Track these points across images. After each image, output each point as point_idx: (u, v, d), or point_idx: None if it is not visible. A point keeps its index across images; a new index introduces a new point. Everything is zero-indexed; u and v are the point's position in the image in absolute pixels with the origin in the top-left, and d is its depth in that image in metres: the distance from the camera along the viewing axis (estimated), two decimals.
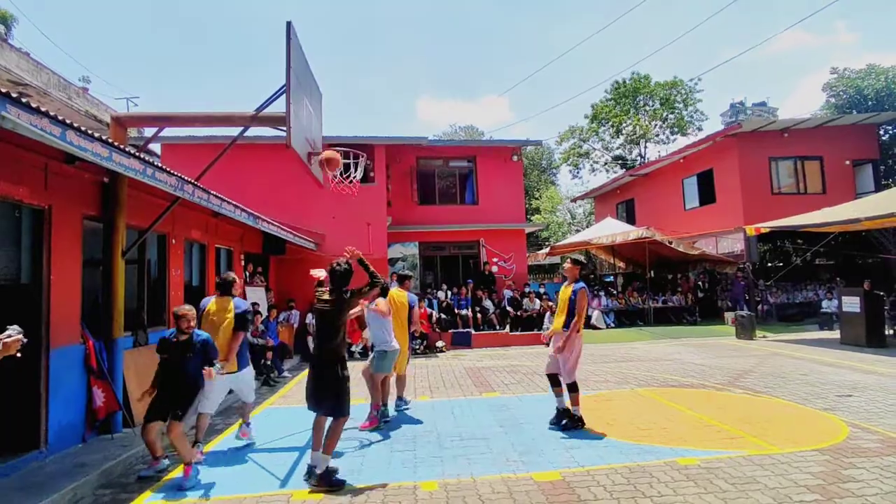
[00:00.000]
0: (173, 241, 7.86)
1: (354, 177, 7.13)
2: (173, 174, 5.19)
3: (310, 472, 4.32)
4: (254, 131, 8.40)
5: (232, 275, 5.55)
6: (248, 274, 11.47)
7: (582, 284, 5.72)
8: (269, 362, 9.43)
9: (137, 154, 4.57)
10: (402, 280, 6.89)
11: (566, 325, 5.71)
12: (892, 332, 12.14)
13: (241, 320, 5.27)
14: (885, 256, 15.00)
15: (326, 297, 4.62)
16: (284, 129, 5.78)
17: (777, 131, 17.24)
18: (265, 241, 12.04)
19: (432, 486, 4.25)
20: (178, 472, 4.81)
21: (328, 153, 6.70)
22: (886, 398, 6.73)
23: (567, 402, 5.83)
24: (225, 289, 5.43)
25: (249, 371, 5.57)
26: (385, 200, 14.95)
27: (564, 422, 5.72)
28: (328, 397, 4.44)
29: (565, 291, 5.81)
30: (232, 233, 10.33)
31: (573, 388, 5.73)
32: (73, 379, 5.39)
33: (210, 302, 5.44)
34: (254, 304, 10.10)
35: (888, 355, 9.95)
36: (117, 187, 6.01)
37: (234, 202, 7.16)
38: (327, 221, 13.99)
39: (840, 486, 4.00)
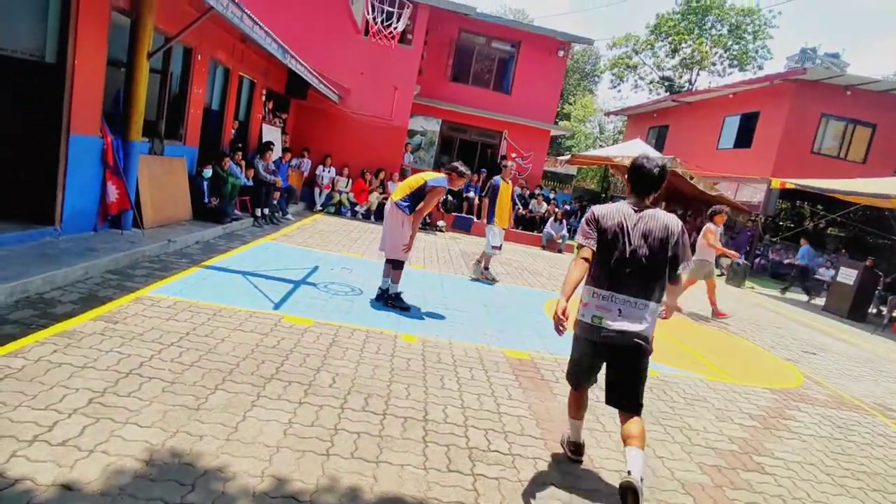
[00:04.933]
0: (199, 56, 7.62)
1: (395, 28, 6.74)
2: None
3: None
4: None
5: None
6: (267, 111, 11.29)
7: (439, 182, 5.31)
8: (275, 202, 9.62)
9: None
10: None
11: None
12: (874, 311, 12.40)
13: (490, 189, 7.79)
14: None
15: None
16: None
17: (840, 87, 16.16)
18: (289, 81, 11.66)
19: (412, 339, 4.57)
20: (181, 275, 5.13)
21: None
22: (848, 364, 7.07)
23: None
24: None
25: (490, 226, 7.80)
26: (417, 67, 14.28)
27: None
28: None
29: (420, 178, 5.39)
30: (257, 64, 9.98)
31: (395, 265, 5.45)
32: (90, 169, 5.52)
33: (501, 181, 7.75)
34: (268, 142, 10.07)
35: (864, 329, 10.26)
36: None
37: (266, 28, 6.84)
38: (354, 77, 13.42)
39: (781, 420, 4.34)
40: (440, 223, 13.39)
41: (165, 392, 2.90)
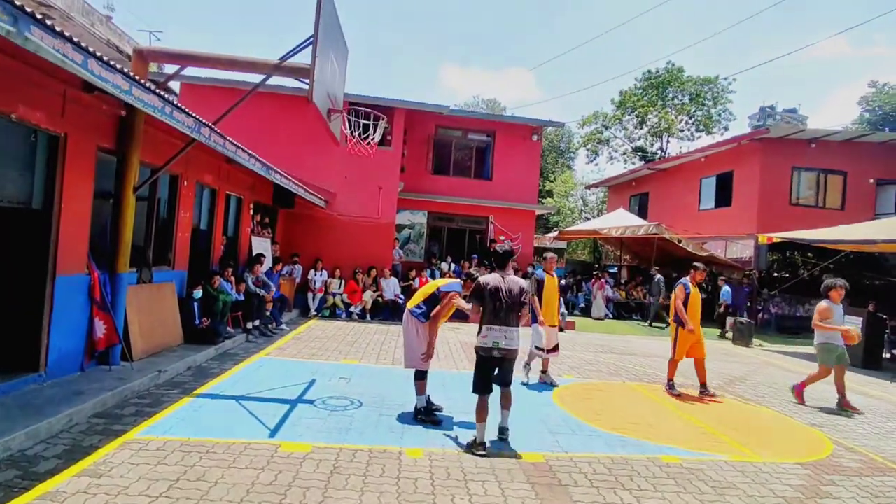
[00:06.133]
0: (185, 182, 7.84)
1: (372, 138, 7.04)
2: (191, 115, 5.14)
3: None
4: (274, 80, 8.29)
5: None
6: (255, 224, 11.49)
7: (452, 287, 5.30)
8: (268, 313, 9.52)
9: (157, 91, 4.51)
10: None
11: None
12: (889, 355, 12.12)
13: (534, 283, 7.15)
14: (894, 280, 14.86)
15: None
16: (307, 81, 5.69)
17: (804, 140, 16.91)
18: (275, 192, 12.00)
19: (417, 454, 4.32)
20: (172, 409, 4.91)
21: None
22: (874, 421, 6.76)
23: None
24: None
25: (535, 326, 7.15)
26: (399, 165, 14.80)
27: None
28: None
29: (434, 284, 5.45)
30: (243, 181, 10.29)
31: (417, 375, 5.33)
32: (77, 308, 5.45)
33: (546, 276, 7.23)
34: (259, 254, 10.15)
35: (881, 378, 9.94)
36: (134, 122, 5.97)
37: (249, 150, 7.11)
38: (339, 181, 13.87)
39: (818, 500, 4.04)
40: None
41: None
